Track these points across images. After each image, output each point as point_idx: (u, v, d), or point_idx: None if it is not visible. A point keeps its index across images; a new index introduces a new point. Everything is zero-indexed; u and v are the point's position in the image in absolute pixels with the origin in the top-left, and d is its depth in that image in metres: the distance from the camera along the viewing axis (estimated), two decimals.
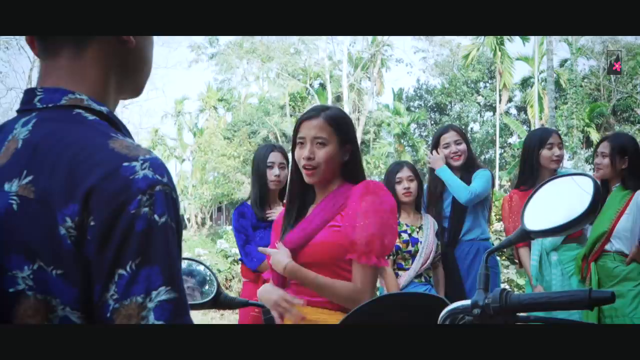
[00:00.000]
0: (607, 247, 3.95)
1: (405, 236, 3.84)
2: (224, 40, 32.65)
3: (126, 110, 25.68)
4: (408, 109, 39.13)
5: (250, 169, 4.12)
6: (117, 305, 0.90)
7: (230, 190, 26.16)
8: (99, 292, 0.91)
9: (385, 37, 30.20)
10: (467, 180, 4.09)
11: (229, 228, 14.71)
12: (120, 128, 1.07)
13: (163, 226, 0.94)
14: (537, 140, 4.13)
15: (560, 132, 33.00)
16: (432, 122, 40.43)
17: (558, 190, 1.47)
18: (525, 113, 37.32)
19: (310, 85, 33.86)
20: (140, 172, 0.94)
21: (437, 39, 29.97)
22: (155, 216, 0.93)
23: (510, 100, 38.72)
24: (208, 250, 16.66)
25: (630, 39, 33.94)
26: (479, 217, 4.15)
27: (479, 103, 39.48)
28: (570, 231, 1.49)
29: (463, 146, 4.14)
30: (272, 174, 3.79)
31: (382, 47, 32.41)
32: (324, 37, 29.18)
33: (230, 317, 10.54)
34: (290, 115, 33.54)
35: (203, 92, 38.75)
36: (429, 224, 3.98)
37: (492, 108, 39.13)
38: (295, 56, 31.74)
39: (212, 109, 37.06)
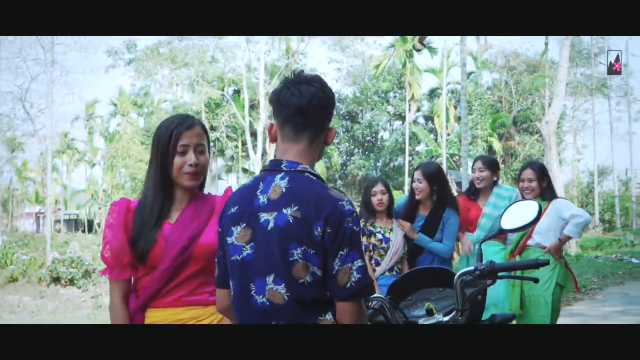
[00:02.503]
0: (529, 242, 5.02)
1: (379, 235, 4.83)
2: (141, 45, 32.34)
3: (41, 115, 25.13)
4: None
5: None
6: (339, 268, 1.95)
7: None
8: (330, 262, 1.95)
9: (301, 47, 30.72)
10: (437, 213, 5.05)
11: None
12: (324, 182, 2.10)
13: (358, 232, 1.99)
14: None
15: (466, 141, 34.23)
16: (344, 130, 41.33)
17: (518, 208, 2.89)
18: (433, 122, 38.64)
19: (224, 91, 33.97)
20: (346, 207, 1.98)
21: (351, 50, 30.67)
22: (354, 227, 1.98)
23: (418, 109, 40.06)
24: None
25: (530, 54, 35.74)
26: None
27: (388, 112, 40.64)
28: (524, 230, 3.25)
29: (423, 185, 5.01)
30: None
31: (296, 57, 32.79)
32: (242, 46, 29.42)
33: None
34: (208, 121, 33.53)
35: (116, 96, 38.19)
36: (398, 228, 4.93)
37: (401, 117, 40.35)
38: (214, 64, 31.78)
39: (124, 113, 36.56)
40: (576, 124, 38.74)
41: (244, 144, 33.55)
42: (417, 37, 18.87)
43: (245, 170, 38.63)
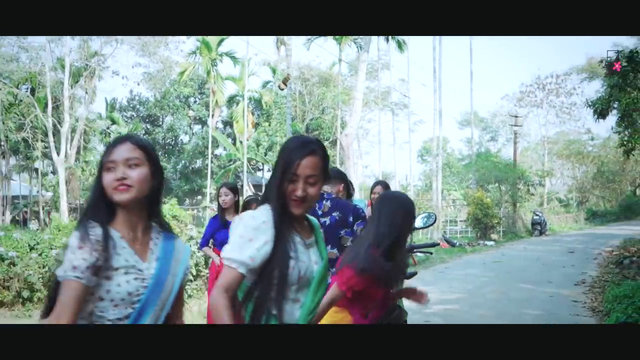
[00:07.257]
0: None
1: None
2: None
3: None
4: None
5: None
6: (357, 229, 4.49)
7: None
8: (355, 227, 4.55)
9: (109, 50, 30.67)
10: None
11: None
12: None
13: (364, 216, 4.64)
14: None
15: (262, 146, 35.73)
16: (145, 133, 41.68)
17: (424, 215, 4.82)
18: (231, 127, 40.29)
19: (19, 88, 32.69)
20: (357, 206, 4.72)
21: (157, 55, 31.07)
22: (363, 214, 4.65)
23: (218, 115, 41.52)
24: None
25: (323, 69, 38.63)
26: None
27: (189, 116, 41.70)
28: (427, 227, 6.17)
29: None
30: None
31: (98, 58, 32.09)
32: (47, 47, 28.81)
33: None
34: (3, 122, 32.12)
35: None
36: None
37: (202, 122, 41.59)
38: (15, 63, 30.50)
39: None
40: (361, 133, 42.29)
41: (43, 142, 32.42)
42: (282, 78, 20.56)
43: (36, 170, 37.50)
